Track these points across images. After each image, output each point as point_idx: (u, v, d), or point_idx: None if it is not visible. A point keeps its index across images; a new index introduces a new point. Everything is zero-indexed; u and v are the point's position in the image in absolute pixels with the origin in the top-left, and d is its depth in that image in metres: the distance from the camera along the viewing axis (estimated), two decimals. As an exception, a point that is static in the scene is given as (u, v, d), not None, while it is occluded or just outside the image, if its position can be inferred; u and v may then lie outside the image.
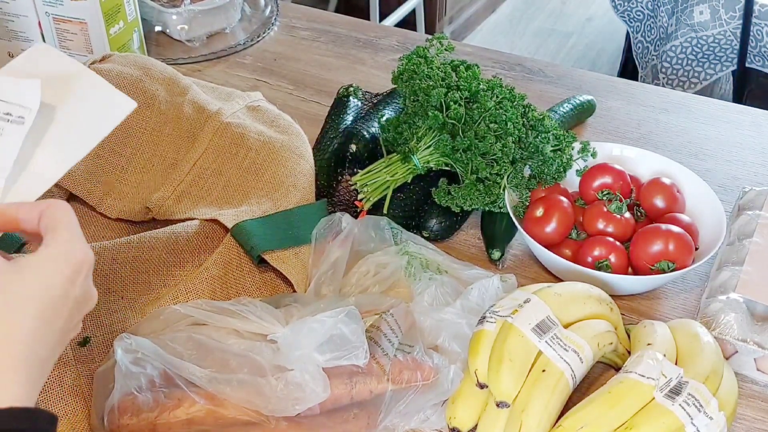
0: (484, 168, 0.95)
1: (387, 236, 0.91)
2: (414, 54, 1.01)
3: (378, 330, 0.78)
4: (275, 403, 0.71)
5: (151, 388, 0.72)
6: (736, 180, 1.10)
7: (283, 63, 1.32)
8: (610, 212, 0.93)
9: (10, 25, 1.19)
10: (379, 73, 1.30)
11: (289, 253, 0.88)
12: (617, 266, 0.90)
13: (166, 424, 0.71)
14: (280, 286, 0.89)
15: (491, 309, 0.79)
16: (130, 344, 0.72)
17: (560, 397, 0.73)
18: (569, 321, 0.78)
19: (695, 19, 2.20)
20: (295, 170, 0.95)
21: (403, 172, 0.97)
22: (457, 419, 0.76)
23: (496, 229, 0.97)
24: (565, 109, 1.14)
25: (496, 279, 0.86)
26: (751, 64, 2.20)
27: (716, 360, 0.77)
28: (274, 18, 1.42)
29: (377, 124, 1.05)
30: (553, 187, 0.97)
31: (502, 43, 3.33)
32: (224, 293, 0.86)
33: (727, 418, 0.73)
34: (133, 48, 1.24)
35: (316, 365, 0.72)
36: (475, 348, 0.77)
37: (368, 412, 0.76)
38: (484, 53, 1.37)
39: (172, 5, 1.35)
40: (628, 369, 0.75)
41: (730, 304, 0.84)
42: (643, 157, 1.03)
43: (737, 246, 0.91)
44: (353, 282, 0.87)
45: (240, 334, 0.76)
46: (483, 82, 0.99)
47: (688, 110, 1.24)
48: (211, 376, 0.71)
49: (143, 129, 0.97)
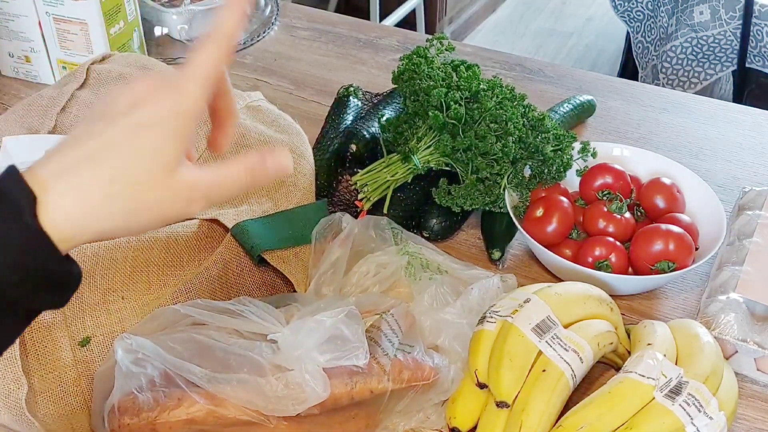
0: (484, 168, 0.95)
1: (387, 236, 0.91)
2: (414, 54, 1.01)
3: (378, 330, 0.78)
4: (275, 403, 0.71)
5: (151, 388, 0.72)
6: (736, 180, 1.10)
7: (283, 63, 1.32)
8: (610, 212, 0.93)
9: (10, 25, 1.19)
10: (380, 73, 1.30)
11: (289, 253, 0.88)
12: (617, 266, 0.90)
13: (166, 424, 0.71)
14: (280, 286, 0.89)
15: (491, 309, 0.79)
16: (130, 344, 0.72)
17: (560, 397, 0.73)
18: (569, 321, 0.78)
19: (695, 19, 2.20)
20: (295, 170, 0.95)
21: (404, 171, 0.97)
22: (457, 419, 0.76)
23: (496, 229, 0.97)
24: (565, 109, 1.14)
25: (496, 279, 0.86)
26: (751, 64, 2.20)
27: (716, 360, 0.77)
28: (274, 18, 1.42)
29: (377, 124, 1.05)
30: (553, 187, 0.97)
31: (502, 43, 3.33)
32: (224, 293, 0.86)
33: (727, 418, 0.73)
34: (134, 48, 1.24)
35: (316, 365, 0.72)
36: (475, 348, 0.77)
37: (368, 412, 0.76)
38: (484, 53, 1.37)
39: (172, 5, 1.35)
40: (628, 369, 0.75)
41: (730, 304, 0.84)
42: (643, 157, 1.03)
43: (737, 246, 0.91)
44: (353, 282, 0.87)
45: (240, 334, 0.76)
46: (483, 82, 0.99)
47: (688, 110, 1.24)
48: (211, 375, 0.71)
49: (143, 129, 0.97)
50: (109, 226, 0.53)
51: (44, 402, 0.77)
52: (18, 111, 1.00)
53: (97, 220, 0.52)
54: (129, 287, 0.84)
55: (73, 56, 1.19)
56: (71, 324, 0.80)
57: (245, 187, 0.57)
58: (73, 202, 0.51)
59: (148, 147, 0.52)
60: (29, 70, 1.24)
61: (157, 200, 0.53)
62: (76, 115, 0.98)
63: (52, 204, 0.50)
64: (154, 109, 0.53)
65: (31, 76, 1.24)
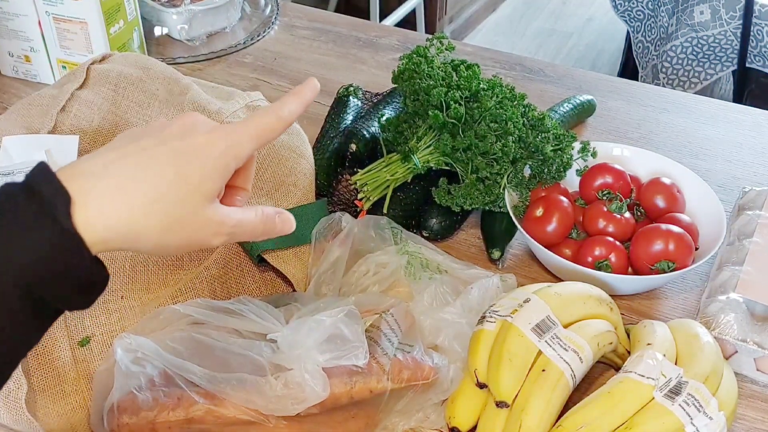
0: (484, 167, 0.95)
1: (387, 236, 0.91)
2: (414, 53, 1.01)
3: (378, 329, 0.78)
4: (275, 403, 0.71)
5: (151, 387, 0.72)
6: (736, 180, 1.10)
7: (283, 62, 1.32)
8: (610, 212, 0.93)
9: (10, 25, 1.19)
10: (380, 72, 1.30)
11: (289, 252, 0.88)
12: (617, 266, 0.90)
13: (166, 423, 0.71)
14: (280, 286, 0.89)
15: (491, 309, 0.79)
16: (130, 344, 0.72)
17: (560, 397, 0.73)
18: (569, 321, 0.78)
19: (695, 19, 2.20)
20: (295, 169, 0.95)
21: (403, 171, 0.97)
22: (456, 419, 0.76)
23: (496, 229, 0.97)
24: (565, 109, 1.14)
25: (496, 279, 0.86)
26: (751, 64, 2.20)
27: (716, 360, 0.77)
28: (274, 17, 1.42)
29: (377, 123, 1.05)
30: (553, 186, 0.97)
31: (502, 43, 3.33)
32: (224, 293, 0.86)
33: (727, 418, 0.73)
34: (133, 47, 1.24)
35: (315, 365, 0.72)
36: (474, 348, 0.77)
37: (368, 412, 0.76)
38: (484, 53, 1.37)
39: (172, 5, 1.35)
40: (627, 369, 0.75)
41: (730, 304, 0.84)
42: (643, 157, 1.02)
43: (737, 246, 0.91)
44: (353, 281, 0.87)
45: (240, 334, 0.76)
46: (483, 81, 0.99)
47: (688, 110, 1.24)
48: (210, 375, 0.71)
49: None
50: (143, 238, 0.54)
51: (44, 402, 0.77)
52: (18, 110, 1.00)
53: (133, 229, 0.53)
54: (129, 287, 0.84)
55: (73, 56, 1.19)
56: (71, 324, 0.80)
57: (259, 235, 0.62)
58: (113, 205, 0.52)
59: (196, 174, 0.55)
60: (29, 70, 1.24)
61: (191, 225, 0.56)
62: (76, 114, 0.98)
63: (90, 204, 0.51)
64: (208, 143, 0.57)
65: (31, 75, 1.24)
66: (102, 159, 0.54)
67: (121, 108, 0.99)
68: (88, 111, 0.98)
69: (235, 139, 0.58)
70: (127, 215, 0.53)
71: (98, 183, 0.52)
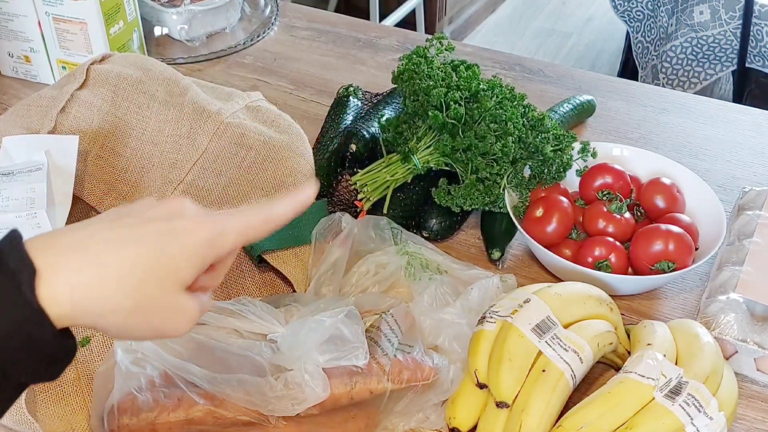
0: (484, 168, 0.95)
1: (387, 236, 0.91)
2: (414, 54, 1.01)
3: (378, 330, 0.78)
4: (275, 403, 0.71)
5: (151, 388, 0.72)
6: (736, 180, 1.10)
7: (283, 63, 1.32)
8: (610, 212, 0.93)
9: (9, 25, 1.19)
10: (379, 73, 1.30)
11: (289, 253, 0.88)
12: (617, 266, 0.90)
13: (166, 424, 0.71)
14: (280, 286, 0.89)
15: (491, 309, 0.79)
16: (130, 344, 0.72)
17: (560, 397, 0.73)
18: (569, 321, 0.78)
19: (695, 19, 2.20)
20: (295, 170, 0.95)
21: (403, 171, 0.97)
22: (456, 419, 0.76)
23: (496, 229, 0.97)
24: (565, 109, 1.14)
25: (496, 279, 0.86)
26: (751, 64, 2.20)
27: (716, 360, 0.77)
28: (274, 18, 1.42)
29: (377, 124, 1.05)
30: (553, 187, 0.97)
31: (502, 43, 3.33)
32: (224, 293, 0.86)
33: (727, 419, 0.73)
34: (133, 48, 1.24)
35: (315, 365, 0.72)
36: (474, 348, 0.77)
37: (368, 413, 0.76)
38: (484, 53, 1.37)
39: (172, 5, 1.35)
40: (628, 369, 0.75)
41: (730, 304, 0.84)
42: (643, 157, 1.02)
43: (737, 246, 0.91)
44: (353, 282, 0.87)
45: (240, 334, 0.76)
46: (483, 81, 0.99)
47: (688, 110, 1.24)
48: (211, 376, 0.71)
49: (143, 129, 0.97)
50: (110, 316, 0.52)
51: (44, 402, 0.77)
52: (18, 111, 1.00)
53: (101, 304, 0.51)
54: (129, 287, 0.84)
55: (73, 56, 1.19)
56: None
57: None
58: (84, 279, 0.50)
59: (175, 257, 0.54)
60: (29, 70, 1.24)
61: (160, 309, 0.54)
62: (76, 115, 0.98)
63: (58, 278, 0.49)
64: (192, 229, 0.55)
65: (31, 75, 1.24)
66: (80, 233, 0.53)
67: (120, 109, 0.99)
68: (87, 112, 0.98)
69: (219, 229, 0.56)
70: (98, 289, 0.51)
71: (70, 256, 0.50)
